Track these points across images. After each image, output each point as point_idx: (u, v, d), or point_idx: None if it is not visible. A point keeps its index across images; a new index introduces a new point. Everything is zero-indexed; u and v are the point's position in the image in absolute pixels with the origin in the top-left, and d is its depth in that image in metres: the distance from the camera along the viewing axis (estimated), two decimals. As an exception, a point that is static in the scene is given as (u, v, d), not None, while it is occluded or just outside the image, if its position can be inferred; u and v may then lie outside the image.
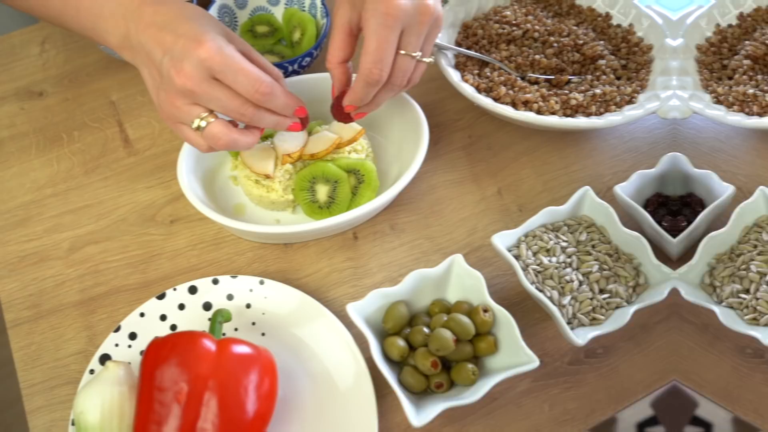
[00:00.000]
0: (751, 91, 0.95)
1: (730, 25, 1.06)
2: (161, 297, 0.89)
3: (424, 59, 0.83)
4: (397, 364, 0.81)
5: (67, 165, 1.07)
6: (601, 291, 0.82)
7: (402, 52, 0.79)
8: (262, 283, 0.89)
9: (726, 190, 0.87)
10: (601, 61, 1.02)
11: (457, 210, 0.99)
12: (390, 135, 1.04)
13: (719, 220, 0.88)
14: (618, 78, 1.03)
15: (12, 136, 1.12)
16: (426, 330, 0.79)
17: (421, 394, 0.79)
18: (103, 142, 1.10)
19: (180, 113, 0.80)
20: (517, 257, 0.84)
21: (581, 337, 0.77)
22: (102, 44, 0.89)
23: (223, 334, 0.83)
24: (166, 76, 0.77)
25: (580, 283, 0.82)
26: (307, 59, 1.06)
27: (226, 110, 0.78)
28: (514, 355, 0.77)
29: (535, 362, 0.74)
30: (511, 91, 0.98)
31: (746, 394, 0.82)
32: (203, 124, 0.79)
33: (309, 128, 0.94)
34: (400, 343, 0.79)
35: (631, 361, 0.85)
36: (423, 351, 0.78)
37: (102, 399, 0.73)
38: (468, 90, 0.98)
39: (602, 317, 0.80)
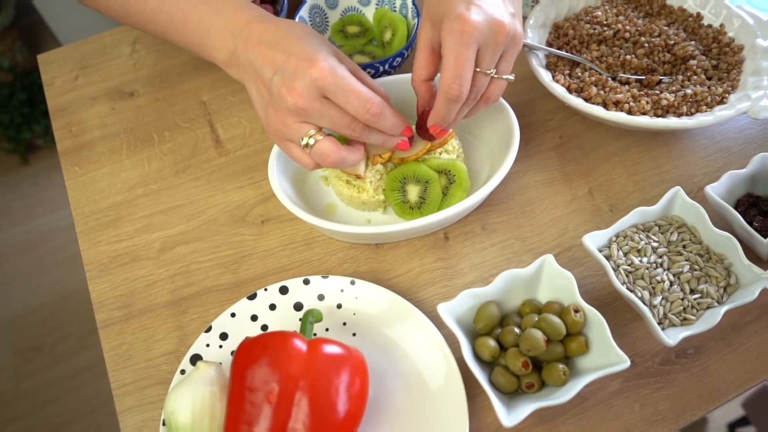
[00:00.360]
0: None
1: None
2: (252, 297, 0.92)
3: (503, 76, 0.85)
4: (487, 365, 0.83)
5: (157, 165, 1.12)
6: (692, 291, 0.84)
7: (477, 69, 0.81)
8: (353, 283, 0.92)
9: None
10: (692, 62, 1.04)
11: (548, 210, 1.01)
12: (481, 135, 1.07)
13: (811, 221, 0.89)
14: (709, 78, 1.04)
15: (103, 137, 1.17)
16: (517, 330, 0.81)
17: (511, 395, 0.81)
18: (193, 142, 1.15)
19: (289, 131, 0.83)
20: (608, 257, 0.87)
21: (672, 337, 0.78)
22: (208, 60, 0.93)
23: (314, 335, 0.87)
24: (277, 94, 0.80)
25: (671, 284, 0.84)
26: (398, 59, 1.09)
27: (337, 127, 0.82)
28: (604, 356, 0.78)
29: (626, 362, 0.74)
30: (602, 92, 1.01)
31: (838, 395, 0.81)
32: (312, 141, 0.83)
33: None
34: (491, 343, 0.81)
35: (722, 362, 0.86)
36: (514, 351, 0.80)
37: (193, 399, 0.76)
38: (559, 90, 1.01)
39: (693, 317, 0.82)
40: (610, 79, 1.04)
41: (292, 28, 0.84)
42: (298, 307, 0.92)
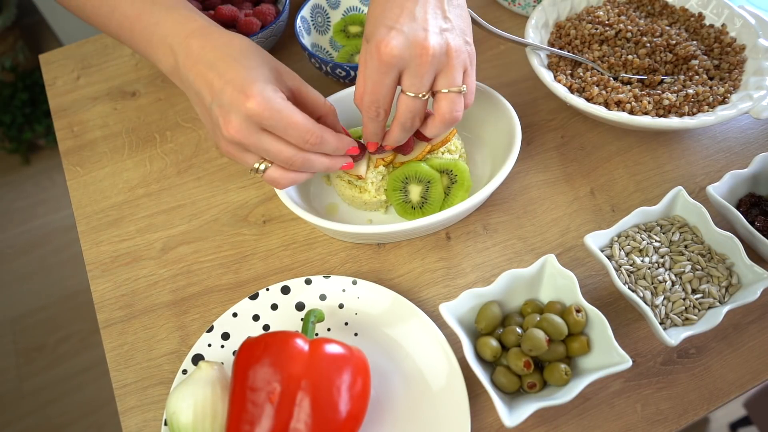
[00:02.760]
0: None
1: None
2: (254, 297, 0.92)
3: (446, 90, 0.81)
4: (489, 365, 0.82)
5: (159, 165, 1.12)
6: (694, 291, 0.83)
7: (409, 93, 0.80)
8: (354, 283, 0.92)
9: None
10: (694, 62, 1.04)
11: (550, 210, 1.01)
12: (483, 135, 1.07)
13: (814, 221, 0.89)
14: (711, 78, 1.05)
15: (105, 137, 1.18)
16: (519, 330, 0.81)
17: (513, 395, 0.80)
18: (195, 142, 1.15)
19: (236, 158, 0.84)
20: (609, 257, 0.86)
21: (674, 337, 0.78)
22: (156, 67, 0.89)
23: (316, 334, 0.87)
24: (216, 124, 0.80)
25: (673, 284, 0.84)
26: None
27: (276, 161, 0.81)
28: (606, 355, 0.77)
29: (628, 362, 0.74)
30: (603, 92, 1.01)
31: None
32: (262, 167, 0.83)
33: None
34: (493, 343, 0.80)
35: (723, 361, 0.86)
36: (516, 351, 0.79)
37: (195, 399, 0.76)
38: (561, 90, 1.01)
39: (695, 317, 0.81)
40: (611, 79, 1.04)
41: (229, 47, 0.82)
42: (299, 307, 0.92)
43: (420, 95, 0.80)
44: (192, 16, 0.86)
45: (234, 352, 0.88)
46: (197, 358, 0.88)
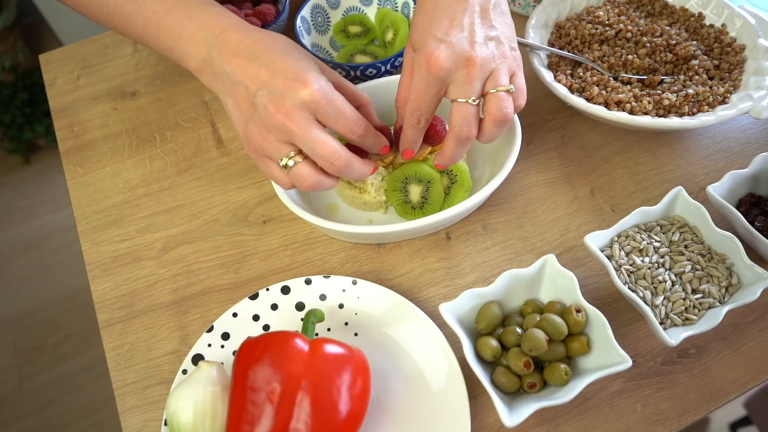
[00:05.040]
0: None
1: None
2: (254, 297, 0.92)
3: (496, 89, 0.81)
4: (489, 365, 0.82)
5: (159, 165, 1.12)
6: (694, 291, 0.83)
7: (460, 99, 0.80)
8: (354, 283, 0.92)
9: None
10: (694, 62, 1.05)
11: (550, 210, 1.01)
12: None
13: (814, 221, 0.89)
14: (711, 78, 1.05)
15: (105, 136, 1.17)
16: (519, 330, 0.81)
17: (513, 395, 0.80)
18: (195, 142, 1.15)
19: (271, 149, 0.81)
20: (609, 257, 0.86)
21: (674, 337, 0.78)
22: (181, 65, 0.90)
23: (316, 334, 0.87)
24: (263, 110, 0.78)
25: (673, 284, 0.84)
26: (400, 59, 1.08)
27: (316, 156, 0.79)
28: (606, 356, 0.77)
29: (628, 362, 0.74)
30: (603, 92, 1.01)
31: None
32: (291, 163, 0.81)
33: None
34: (493, 343, 0.80)
35: (723, 361, 0.86)
36: (516, 351, 0.79)
37: (195, 399, 0.75)
38: (561, 90, 1.01)
39: (695, 317, 0.81)
40: (611, 78, 1.04)
41: (272, 41, 0.82)
42: (299, 307, 0.92)
43: (470, 100, 0.80)
44: (227, 13, 0.86)
45: (234, 352, 0.88)
46: (197, 358, 0.88)
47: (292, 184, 0.85)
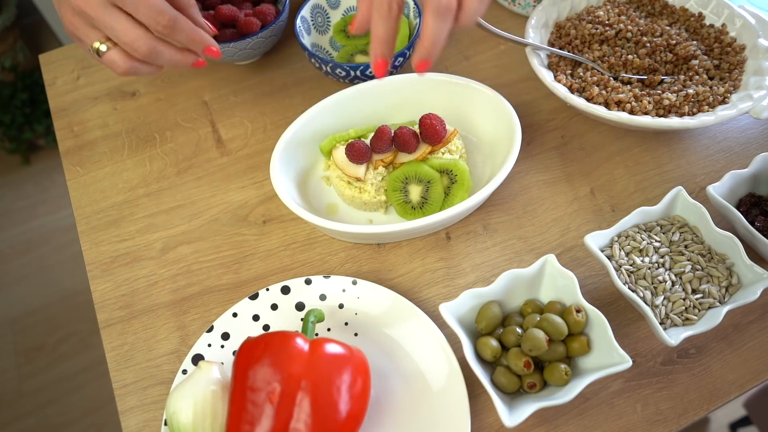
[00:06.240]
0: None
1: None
2: (254, 297, 0.92)
3: None
4: (489, 365, 0.82)
5: (159, 165, 1.12)
6: (694, 291, 0.83)
7: None
8: (354, 283, 0.92)
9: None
10: (694, 61, 1.04)
11: (550, 210, 1.01)
12: (483, 135, 1.06)
13: (814, 221, 0.89)
14: (711, 78, 1.05)
15: (105, 136, 1.17)
16: (519, 330, 0.81)
17: (513, 395, 0.80)
18: (195, 142, 1.15)
19: (78, 32, 0.79)
20: (609, 257, 0.86)
21: (674, 337, 0.78)
22: None
23: (316, 334, 0.88)
24: None
25: (673, 284, 0.83)
26: (400, 59, 1.08)
27: (121, 42, 0.77)
28: (606, 356, 0.77)
29: (628, 362, 0.74)
30: (604, 91, 1.01)
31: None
32: (103, 48, 0.79)
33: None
34: (493, 343, 0.80)
35: (723, 361, 0.86)
36: (516, 351, 0.79)
37: (195, 399, 0.75)
38: (561, 90, 1.01)
39: (695, 317, 0.81)
40: (612, 78, 1.04)
41: None
42: (299, 307, 0.92)
43: None
44: None
45: (234, 352, 0.88)
46: (197, 358, 0.88)
47: (125, 70, 0.82)
